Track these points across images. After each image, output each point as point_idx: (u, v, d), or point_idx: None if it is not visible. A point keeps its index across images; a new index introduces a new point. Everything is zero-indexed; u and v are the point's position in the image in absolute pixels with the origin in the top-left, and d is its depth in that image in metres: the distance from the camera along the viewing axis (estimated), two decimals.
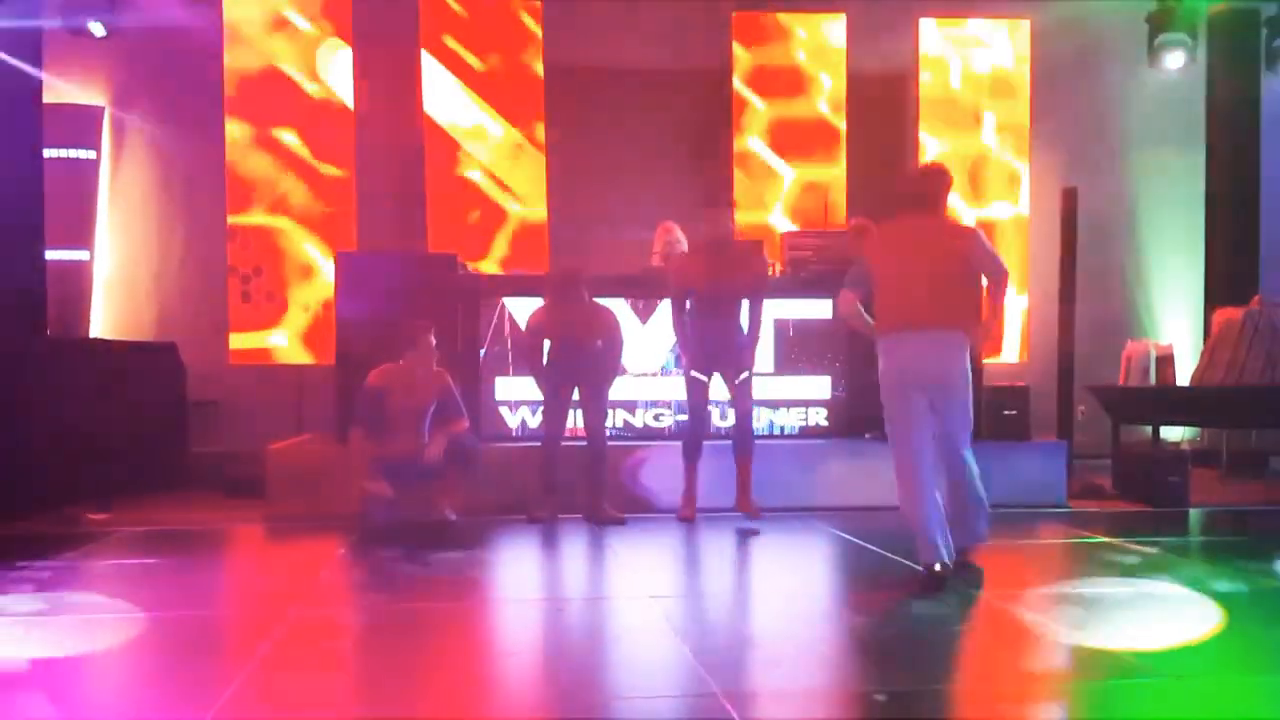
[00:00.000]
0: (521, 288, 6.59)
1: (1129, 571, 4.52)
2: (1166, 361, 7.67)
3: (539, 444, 6.00)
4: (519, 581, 4.76)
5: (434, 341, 5.66)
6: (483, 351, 6.54)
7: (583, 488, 5.87)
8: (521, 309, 6.40)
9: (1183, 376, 7.83)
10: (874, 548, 4.99)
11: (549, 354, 6.01)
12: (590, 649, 3.47)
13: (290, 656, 3.29)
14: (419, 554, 4.93)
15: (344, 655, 3.46)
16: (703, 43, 8.54)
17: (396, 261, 6.80)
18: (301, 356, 7.79)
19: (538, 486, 5.89)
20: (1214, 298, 8.71)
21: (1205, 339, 8.21)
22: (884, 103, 8.70)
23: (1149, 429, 7.88)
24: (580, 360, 5.90)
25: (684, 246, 7.12)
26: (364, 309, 6.25)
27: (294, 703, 2.87)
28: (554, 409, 5.96)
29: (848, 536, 5.31)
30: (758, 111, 8.38)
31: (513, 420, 6.61)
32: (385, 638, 3.52)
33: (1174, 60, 8.64)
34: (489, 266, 7.92)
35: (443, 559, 4.90)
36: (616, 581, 4.61)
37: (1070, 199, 7.49)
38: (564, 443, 5.96)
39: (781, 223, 8.28)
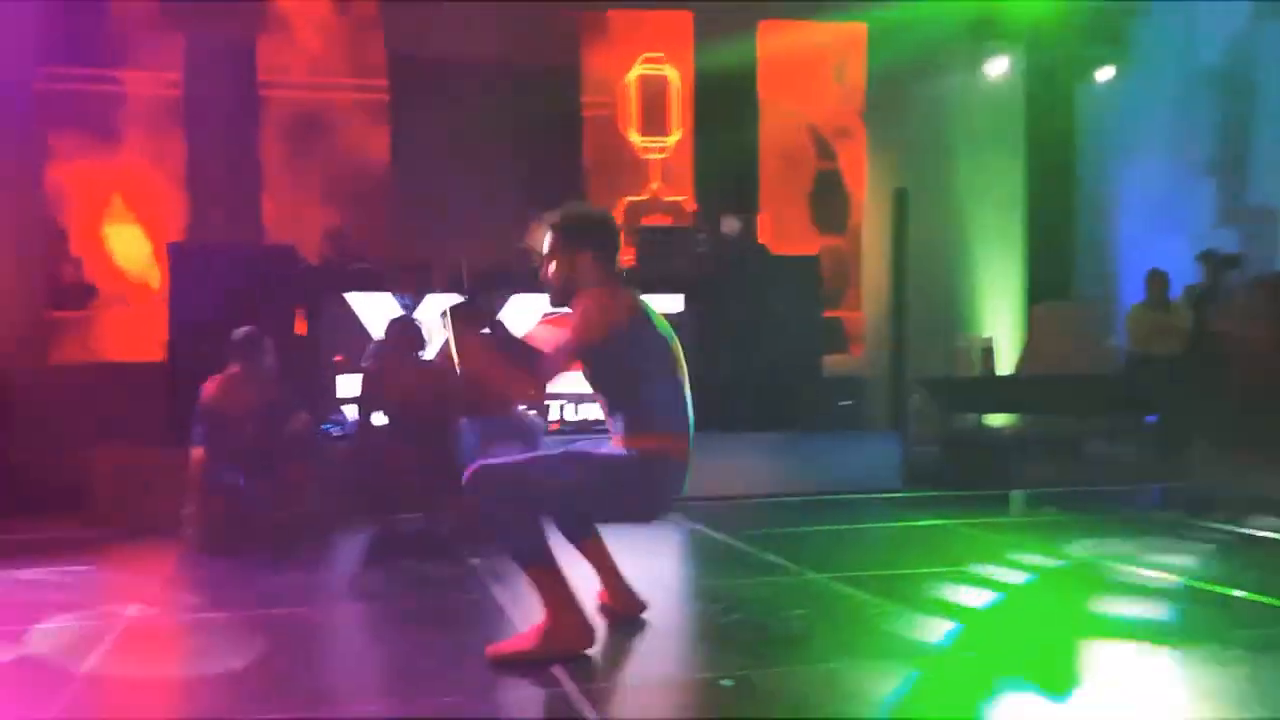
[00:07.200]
0: (365, 282, 6.42)
1: (956, 552, 4.76)
2: (990, 354, 8.14)
3: None
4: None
5: (268, 346, 5.36)
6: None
7: None
8: (365, 305, 6.26)
9: (1006, 368, 8.32)
10: None
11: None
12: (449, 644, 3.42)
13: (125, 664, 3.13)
14: (267, 558, 4.75)
15: (187, 661, 3.32)
16: (551, 41, 8.51)
17: (232, 253, 6.51)
18: (124, 354, 7.34)
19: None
20: (1034, 294, 9.29)
21: (1028, 333, 8.75)
22: (727, 100, 8.87)
23: (977, 417, 8.34)
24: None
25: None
26: (200, 305, 5.90)
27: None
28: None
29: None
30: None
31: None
32: (233, 642, 3.38)
33: (997, 67, 9.16)
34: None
35: (297, 562, 4.72)
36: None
37: (901, 200, 7.81)
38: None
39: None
